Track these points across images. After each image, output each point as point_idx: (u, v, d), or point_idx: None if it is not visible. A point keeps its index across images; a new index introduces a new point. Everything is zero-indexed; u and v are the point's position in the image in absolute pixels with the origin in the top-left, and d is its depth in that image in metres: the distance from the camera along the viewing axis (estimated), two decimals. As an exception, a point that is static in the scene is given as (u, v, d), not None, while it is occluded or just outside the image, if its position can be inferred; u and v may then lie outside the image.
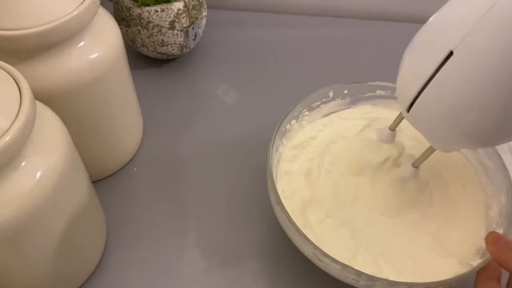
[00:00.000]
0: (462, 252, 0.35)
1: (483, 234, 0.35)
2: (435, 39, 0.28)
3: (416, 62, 0.29)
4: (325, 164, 0.40)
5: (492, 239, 0.32)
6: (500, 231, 0.34)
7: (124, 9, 0.51)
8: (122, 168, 0.47)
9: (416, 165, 0.36)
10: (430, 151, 0.34)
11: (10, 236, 0.28)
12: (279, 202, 0.34)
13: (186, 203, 0.45)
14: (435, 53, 0.27)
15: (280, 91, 0.42)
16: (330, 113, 0.44)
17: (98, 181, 0.46)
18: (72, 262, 0.36)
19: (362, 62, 0.60)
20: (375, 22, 0.67)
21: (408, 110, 0.30)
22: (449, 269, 0.33)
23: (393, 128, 0.38)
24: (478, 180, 0.39)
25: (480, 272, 0.32)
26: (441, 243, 0.35)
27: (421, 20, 0.30)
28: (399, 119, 0.37)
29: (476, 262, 0.33)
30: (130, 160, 0.48)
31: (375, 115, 0.44)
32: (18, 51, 0.33)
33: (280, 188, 0.38)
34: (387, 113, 0.43)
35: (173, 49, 0.55)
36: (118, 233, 0.42)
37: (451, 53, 0.26)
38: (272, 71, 0.59)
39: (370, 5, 0.68)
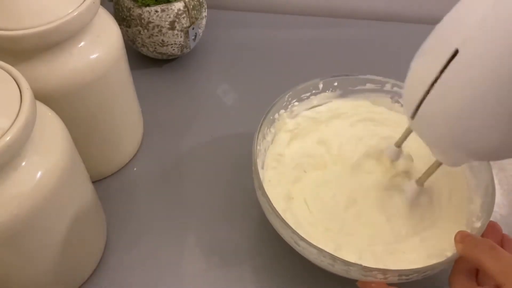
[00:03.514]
0: (440, 243, 0.35)
1: (464, 227, 0.36)
2: (440, 40, 0.27)
3: (421, 65, 0.29)
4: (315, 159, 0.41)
5: (461, 237, 0.32)
6: (478, 224, 0.35)
7: (124, 9, 0.51)
8: (122, 168, 0.47)
9: (420, 182, 0.36)
10: (435, 166, 0.34)
11: (10, 235, 0.28)
12: (261, 187, 0.35)
13: (186, 203, 0.45)
14: (440, 54, 0.26)
15: (280, 90, 0.42)
16: (320, 105, 0.45)
17: (98, 181, 0.46)
18: (72, 262, 0.36)
19: (362, 62, 0.60)
20: (376, 22, 0.67)
21: (413, 116, 0.29)
22: (426, 260, 0.34)
23: (398, 144, 0.38)
24: (463, 175, 0.40)
25: (455, 264, 0.33)
26: (420, 234, 0.36)
27: (420, 20, 0.30)
28: (405, 135, 0.36)
29: (451, 253, 0.34)
30: (130, 160, 0.48)
31: (341, 110, 0.45)
32: (19, 51, 0.33)
33: (267, 177, 0.39)
34: (350, 107, 0.44)
35: (173, 49, 0.55)
36: (118, 233, 0.42)
37: (456, 52, 0.25)
38: (272, 71, 0.59)
39: (371, 6, 0.68)
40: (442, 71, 0.26)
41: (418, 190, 0.36)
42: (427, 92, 0.27)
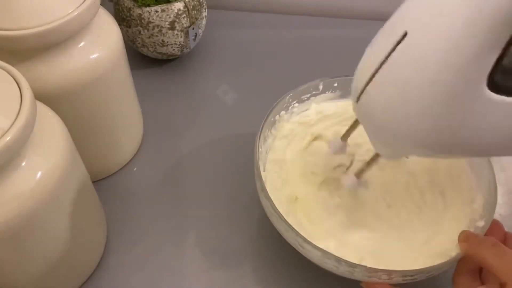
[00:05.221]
0: (444, 243, 0.35)
1: (467, 227, 0.36)
2: (391, 25, 0.26)
3: (371, 50, 0.28)
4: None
5: (465, 237, 0.33)
6: (481, 223, 0.35)
7: (125, 10, 0.51)
8: (122, 168, 0.47)
9: (358, 175, 0.35)
10: (373, 159, 0.33)
11: (10, 236, 0.28)
12: (264, 189, 0.35)
13: (186, 203, 0.45)
14: (390, 37, 0.25)
15: (280, 91, 0.42)
16: (307, 109, 0.45)
17: (98, 181, 0.46)
18: (72, 262, 0.36)
19: (362, 62, 0.60)
20: (375, 22, 0.67)
21: (357, 100, 0.28)
22: (429, 260, 0.34)
23: (345, 138, 0.36)
24: (465, 174, 0.40)
25: (458, 264, 0.33)
26: (423, 235, 0.36)
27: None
28: (352, 129, 0.35)
29: (455, 252, 0.34)
30: (130, 160, 0.48)
31: (329, 112, 0.44)
32: (19, 51, 0.33)
33: (269, 180, 0.39)
34: (337, 108, 0.44)
35: (173, 49, 0.55)
36: (118, 233, 0.42)
37: (405, 35, 0.24)
38: (272, 71, 0.59)
39: (370, 6, 0.68)
40: (389, 54, 0.25)
41: (357, 182, 0.35)
42: (373, 75, 0.27)
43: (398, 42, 0.25)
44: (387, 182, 0.39)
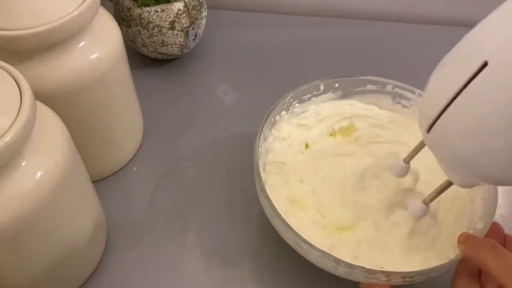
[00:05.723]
0: (443, 245, 0.35)
1: (466, 228, 0.36)
2: (467, 52, 0.25)
3: (444, 76, 0.27)
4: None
5: (464, 238, 0.33)
6: (481, 225, 0.35)
7: (125, 9, 0.51)
8: (122, 168, 0.47)
9: (426, 202, 0.34)
10: (445, 185, 0.32)
11: (10, 236, 0.28)
12: (263, 189, 0.35)
13: (186, 203, 0.45)
14: (466, 65, 0.24)
15: (281, 91, 0.42)
16: (306, 111, 0.45)
17: (98, 181, 0.46)
18: (72, 262, 0.36)
19: (362, 62, 0.60)
20: (375, 22, 0.67)
21: (429, 130, 0.27)
22: (428, 261, 0.34)
23: (407, 160, 0.36)
24: None
25: (458, 266, 0.33)
26: (423, 236, 0.36)
27: (421, 20, 0.29)
28: (415, 151, 0.35)
29: (454, 254, 0.34)
30: (130, 160, 0.48)
31: (326, 114, 0.44)
32: (19, 51, 0.33)
33: (269, 181, 0.39)
34: (335, 109, 0.44)
35: (173, 49, 0.55)
36: (118, 233, 0.42)
37: (485, 65, 0.23)
38: (272, 71, 0.59)
39: (370, 6, 0.68)
40: (466, 84, 0.24)
41: (425, 209, 0.35)
42: (447, 105, 0.25)
43: (478, 72, 0.23)
44: (387, 183, 0.39)
